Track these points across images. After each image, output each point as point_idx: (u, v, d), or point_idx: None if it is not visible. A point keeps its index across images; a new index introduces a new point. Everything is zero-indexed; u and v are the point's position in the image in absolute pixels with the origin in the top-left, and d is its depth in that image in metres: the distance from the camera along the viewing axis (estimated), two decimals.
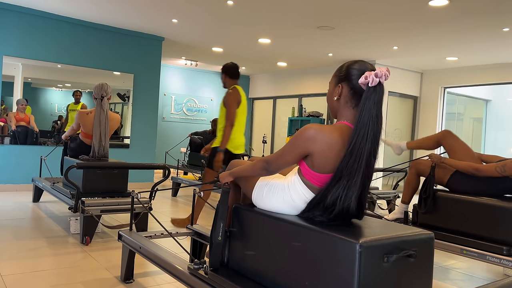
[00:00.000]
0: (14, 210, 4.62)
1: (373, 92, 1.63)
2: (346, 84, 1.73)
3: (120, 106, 7.20)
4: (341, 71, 1.76)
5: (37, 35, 5.96)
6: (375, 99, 1.63)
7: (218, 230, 1.89)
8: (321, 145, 1.62)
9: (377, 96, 1.63)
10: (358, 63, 1.73)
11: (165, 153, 8.30)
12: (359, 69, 1.70)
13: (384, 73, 1.62)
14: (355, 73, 1.70)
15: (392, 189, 5.45)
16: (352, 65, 1.73)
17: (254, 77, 10.78)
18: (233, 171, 1.95)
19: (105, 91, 4.14)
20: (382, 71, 1.63)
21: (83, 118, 4.26)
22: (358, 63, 1.73)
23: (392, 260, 1.45)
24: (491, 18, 4.98)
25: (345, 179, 1.62)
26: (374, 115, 1.62)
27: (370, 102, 1.62)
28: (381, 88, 1.64)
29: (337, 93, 1.76)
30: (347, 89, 1.73)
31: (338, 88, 1.75)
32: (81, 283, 2.65)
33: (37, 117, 6.22)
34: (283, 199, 1.76)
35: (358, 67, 1.71)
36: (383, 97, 1.66)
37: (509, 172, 2.83)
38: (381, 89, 1.65)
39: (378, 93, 1.63)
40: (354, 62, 1.74)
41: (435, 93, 8.37)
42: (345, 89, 1.73)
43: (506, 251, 2.69)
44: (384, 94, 1.67)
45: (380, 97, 1.64)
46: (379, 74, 1.62)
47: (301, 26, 5.85)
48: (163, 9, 5.46)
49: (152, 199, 3.69)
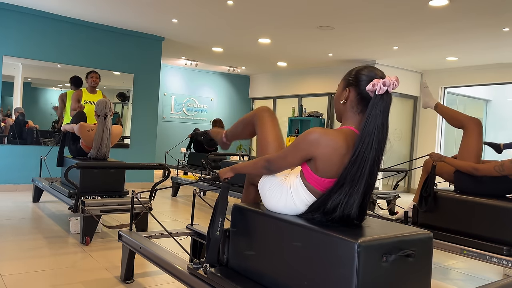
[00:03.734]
0: (14, 210, 4.62)
1: (380, 100, 1.61)
2: (354, 89, 1.70)
3: (120, 106, 7.20)
4: (350, 75, 1.74)
5: (37, 35, 5.96)
6: (381, 107, 1.60)
7: (217, 226, 1.87)
8: (325, 149, 1.60)
9: (384, 104, 1.61)
10: (367, 69, 1.70)
11: (165, 153, 8.30)
12: (368, 75, 1.67)
13: (392, 82, 1.60)
14: (364, 79, 1.67)
15: (392, 189, 5.45)
16: (362, 71, 1.70)
17: (254, 77, 10.78)
18: (234, 167, 1.93)
19: (109, 109, 4.12)
20: (390, 80, 1.60)
21: (84, 134, 4.23)
22: (367, 69, 1.70)
23: (391, 260, 1.45)
24: (491, 18, 4.98)
25: (347, 186, 1.60)
26: (380, 124, 1.60)
27: (377, 110, 1.60)
28: (388, 97, 1.62)
29: (344, 96, 1.74)
30: (354, 94, 1.70)
31: (346, 92, 1.73)
32: (81, 283, 2.65)
33: (37, 117, 6.22)
34: (286, 203, 1.76)
35: (367, 73, 1.68)
36: (390, 106, 1.63)
37: (508, 171, 2.84)
38: (389, 98, 1.62)
39: (385, 101, 1.61)
40: (364, 67, 1.72)
41: (435, 93, 8.36)
42: (352, 93, 1.71)
43: (506, 251, 2.69)
44: (391, 102, 1.63)
45: (387, 105, 1.61)
46: (387, 83, 1.59)
47: (301, 26, 5.85)
48: (163, 9, 5.47)
49: (152, 199, 3.69)
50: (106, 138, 4.13)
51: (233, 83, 10.66)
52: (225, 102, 10.55)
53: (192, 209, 2.71)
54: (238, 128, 2.27)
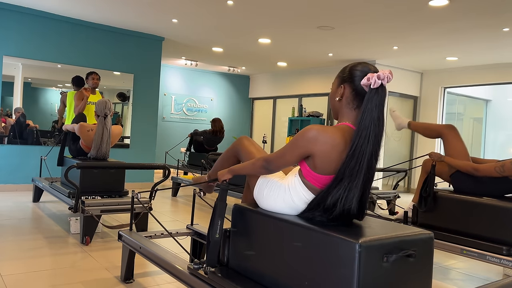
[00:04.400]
0: (14, 210, 4.62)
1: (375, 94, 1.63)
2: (349, 85, 1.73)
3: (120, 106, 7.20)
4: (344, 72, 1.76)
5: (37, 35, 5.96)
6: (377, 101, 1.63)
7: (216, 228, 1.87)
8: (323, 146, 1.62)
9: (379, 98, 1.63)
10: (361, 64, 1.73)
11: (165, 153, 8.30)
12: (362, 71, 1.70)
13: (386, 75, 1.62)
14: (358, 75, 1.70)
15: (392, 189, 5.45)
16: (355, 67, 1.73)
17: (254, 77, 10.78)
18: (232, 168, 1.93)
19: (108, 109, 4.11)
20: (384, 73, 1.63)
21: (84, 134, 4.23)
22: (361, 64, 1.73)
23: (391, 260, 1.45)
24: (491, 18, 4.98)
25: (346, 181, 1.61)
26: (376, 117, 1.62)
27: (372, 104, 1.62)
28: (383, 90, 1.65)
29: (339, 94, 1.76)
30: (349, 90, 1.73)
31: (341, 89, 1.75)
32: (81, 283, 2.65)
33: (37, 117, 6.22)
34: (284, 200, 1.76)
35: (361, 68, 1.71)
36: (385, 99, 1.66)
37: (508, 173, 2.83)
38: (383, 91, 1.65)
39: (380, 95, 1.64)
40: (357, 63, 1.74)
41: (435, 93, 8.37)
42: (347, 90, 1.73)
43: (506, 251, 2.69)
44: (386, 96, 1.67)
45: (382, 99, 1.64)
46: (381, 76, 1.62)
47: (301, 26, 5.85)
48: (163, 9, 5.46)
49: (152, 199, 3.69)
50: (106, 138, 4.12)
51: (233, 83, 10.66)
52: (225, 102, 10.55)
53: (192, 209, 2.71)
54: (219, 164, 2.25)
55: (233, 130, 10.49)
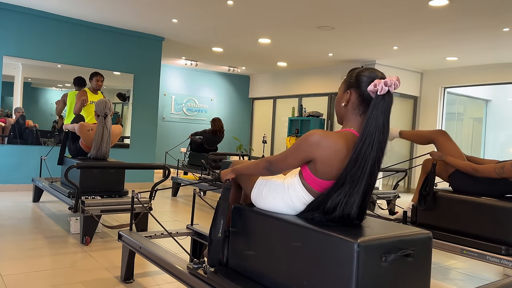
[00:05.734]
0: (14, 210, 4.62)
1: (381, 101, 1.61)
2: (355, 91, 1.71)
3: (120, 106, 7.21)
4: (351, 77, 1.75)
5: (37, 35, 5.97)
6: (383, 107, 1.61)
7: (218, 227, 1.88)
8: (325, 151, 1.61)
9: (385, 104, 1.62)
10: (368, 70, 1.71)
11: (165, 153, 8.30)
12: (369, 76, 1.68)
13: (394, 82, 1.60)
14: (365, 80, 1.68)
15: (392, 189, 5.45)
16: (362, 72, 1.71)
17: (254, 77, 10.79)
18: (235, 168, 1.94)
19: (108, 109, 4.11)
20: (392, 79, 1.61)
21: (84, 133, 4.23)
22: (368, 70, 1.71)
23: (390, 260, 1.46)
24: (491, 18, 4.98)
25: (347, 186, 1.61)
26: (381, 124, 1.61)
27: (378, 111, 1.61)
28: (389, 97, 1.63)
29: (345, 99, 1.74)
30: (355, 95, 1.71)
31: (347, 94, 1.74)
32: (81, 283, 2.65)
33: (37, 117, 6.23)
34: (282, 199, 1.77)
35: (368, 74, 1.69)
36: (392, 106, 1.63)
37: (508, 174, 2.83)
38: (390, 98, 1.63)
39: (387, 101, 1.62)
40: (365, 69, 1.73)
41: (435, 93, 8.37)
42: (354, 95, 1.71)
43: (505, 251, 2.69)
44: (392, 103, 1.64)
45: (388, 106, 1.62)
46: (388, 83, 1.60)
47: (301, 26, 5.85)
48: (163, 9, 5.47)
49: (152, 199, 3.70)
50: (106, 138, 4.13)
51: (233, 83, 10.67)
52: (225, 102, 10.55)
53: (192, 209, 2.71)
54: None
55: (233, 130, 10.50)
